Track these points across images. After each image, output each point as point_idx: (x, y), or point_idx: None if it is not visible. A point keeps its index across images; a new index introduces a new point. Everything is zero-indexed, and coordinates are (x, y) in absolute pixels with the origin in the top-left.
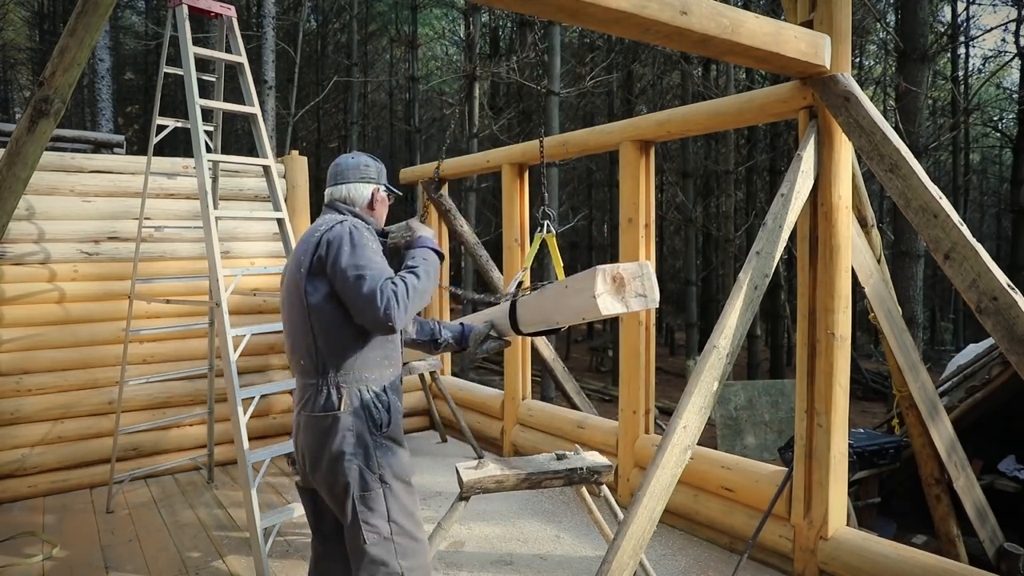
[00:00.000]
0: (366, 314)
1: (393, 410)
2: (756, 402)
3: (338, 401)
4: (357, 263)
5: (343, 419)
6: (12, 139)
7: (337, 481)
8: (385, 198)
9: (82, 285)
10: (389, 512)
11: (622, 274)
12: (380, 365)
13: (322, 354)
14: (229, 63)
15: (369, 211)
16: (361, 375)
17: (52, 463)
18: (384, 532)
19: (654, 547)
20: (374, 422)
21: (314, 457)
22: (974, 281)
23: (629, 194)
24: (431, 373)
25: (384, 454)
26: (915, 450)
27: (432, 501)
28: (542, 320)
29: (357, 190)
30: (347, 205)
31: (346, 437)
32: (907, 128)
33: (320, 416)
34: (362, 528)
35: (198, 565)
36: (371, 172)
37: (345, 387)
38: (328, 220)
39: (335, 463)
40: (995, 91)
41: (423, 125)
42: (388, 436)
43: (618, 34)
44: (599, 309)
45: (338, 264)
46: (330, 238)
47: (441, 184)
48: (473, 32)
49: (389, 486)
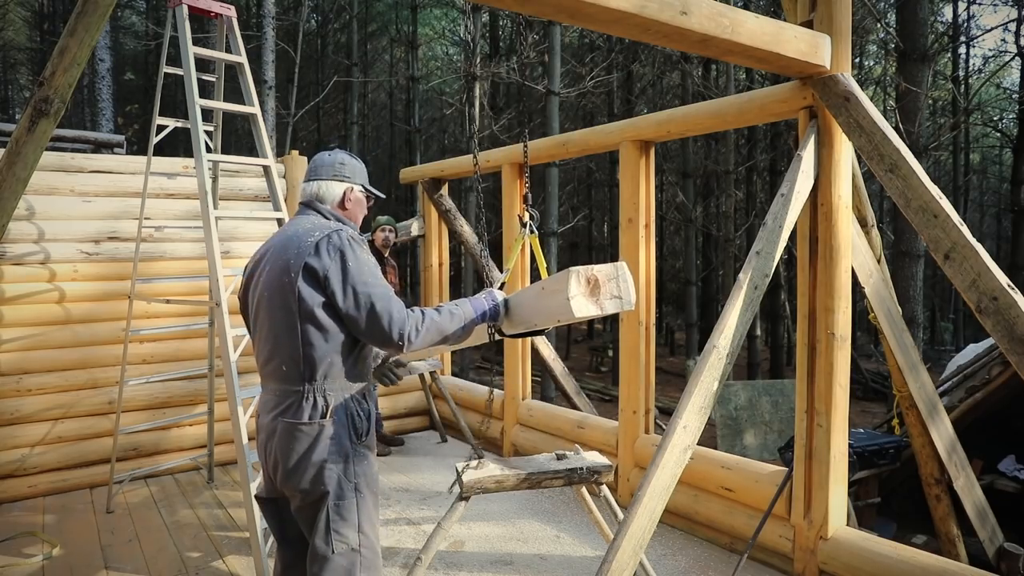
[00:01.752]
0: (375, 332)
1: (371, 418)
2: (756, 402)
3: (324, 409)
4: (366, 280)
5: (327, 428)
6: (12, 139)
7: (315, 489)
8: (361, 198)
9: (82, 285)
10: (360, 522)
11: (597, 276)
12: (361, 375)
13: (310, 362)
14: (229, 63)
15: (341, 210)
16: (346, 384)
17: (52, 463)
18: (352, 543)
19: (654, 547)
20: (356, 431)
21: (292, 465)
22: (974, 281)
23: (629, 194)
24: (431, 373)
25: (360, 463)
26: (915, 450)
27: (432, 501)
28: (522, 322)
29: (329, 188)
30: (320, 203)
31: (329, 446)
32: (907, 128)
33: (305, 424)
34: (332, 537)
35: (198, 565)
36: (345, 171)
37: (332, 395)
38: (319, 225)
39: (317, 472)
40: (995, 91)
41: (423, 125)
42: (365, 445)
43: (618, 34)
44: (572, 311)
45: (347, 279)
46: (328, 249)
47: (441, 184)
48: (473, 32)
49: (362, 495)
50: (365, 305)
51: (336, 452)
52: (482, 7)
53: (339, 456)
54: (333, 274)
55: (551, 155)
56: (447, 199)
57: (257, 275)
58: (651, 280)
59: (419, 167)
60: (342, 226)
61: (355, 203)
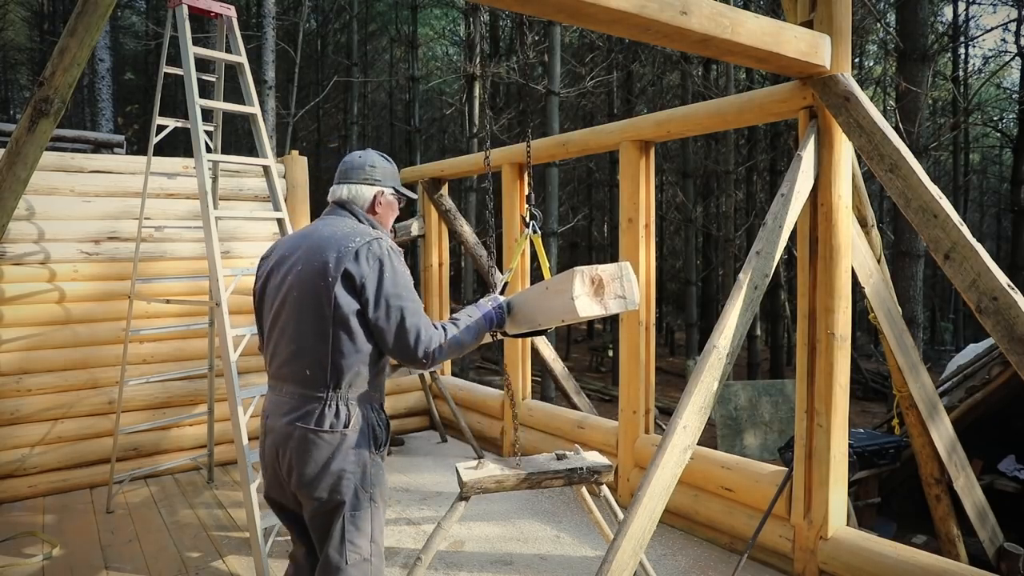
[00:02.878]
0: (401, 347)
1: (387, 428)
2: (756, 402)
3: (348, 419)
4: (400, 292)
5: (350, 437)
6: (12, 139)
7: (332, 499)
8: (392, 201)
9: (82, 285)
10: (372, 532)
11: (601, 275)
12: (381, 386)
13: (337, 369)
14: (229, 63)
15: (371, 214)
16: (370, 395)
17: (52, 463)
18: (365, 553)
19: (654, 547)
20: (375, 441)
21: (310, 473)
22: (974, 281)
23: (629, 194)
24: (431, 373)
25: (376, 472)
26: (915, 450)
27: (432, 501)
28: (526, 321)
29: (360, 191)
30: (351, 205)
31: (349, 455)
32: (907, 128)
33: (327, 432)
34: (347, 548)
35: (198, 565)
36: (376, 174)
37: (355, 405)
38: (359, 231)
39: (336, 481)
40: (995, 91)
41: (423, 125)
42: (381, 455)
43: (618, 34)
44: (577, 311)
45: (381, 289)
46: (368, 256)
47: (441, 184)
48: (473, 32)
49: (377, 505)
50: (396, 318)
51: (355, 462)
52: (482, 7)
53: (358, 466)
54: (370, 283)
55: (551, 155)
56: (447, 199)
57: (285, 272)
58: (651, 280)
59: (419, 167)
60: (382, 235)
61: (385, 206)
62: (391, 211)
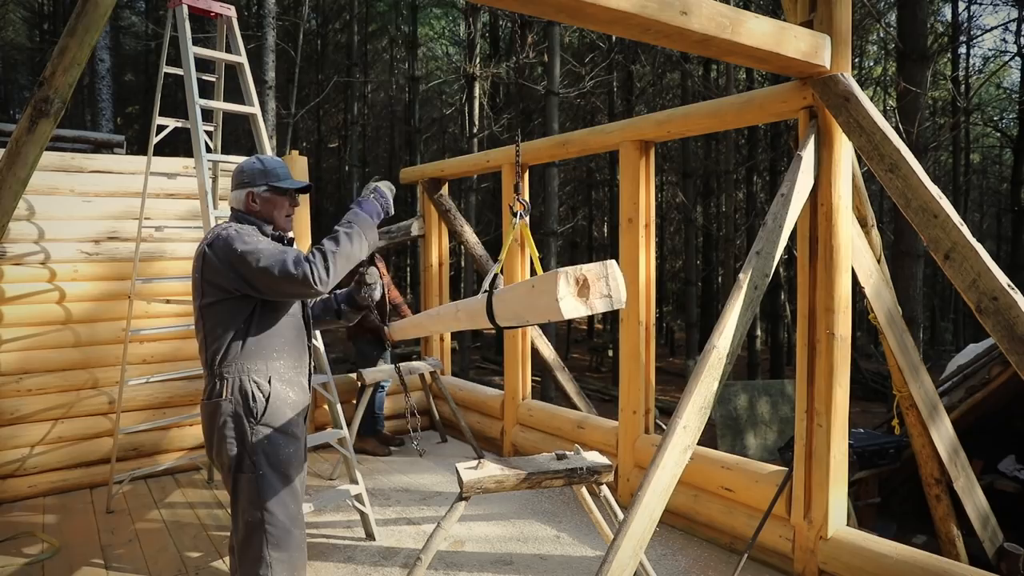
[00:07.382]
0: (270, 283)
1: (274, 399)
2: (756, 402)
3: (220, 389)
4: (247, 250)
5: (223, 405)
6: (12, 139)
7: (222, 462)
8: (270, 197)
9: (82, 285)
10: (263, 499)
11: (586, 275)
12: (265, 356)
13: (209, 348)
14: (229, 63)
15: (250, 212)
16: (243, 366)
17: (52, 463)
18: (254, 518)
19: (654, 547)
20: (249, 410)
21: (207, 440)
22: (974, 281)
23: (629, 194)
24: (431, 373)
25: (260, 442)
26: (915, 450)
27: (432, 501)
28: (514, 316)
29: (236, 196)
30: (232, 209)
31: (227, 422)
32: (907, 128)
33: (209, 403)
34: (238, 508)
35: (198, 565)
36: (244, 177)
37: (228, 376)
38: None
39: (219, 445)
40: (995, 91)
41: (423, 125)
42: (266, 424)
43: (618, 34)
44: (561, 313)
45: (234, 255)
46: (215, 240)
47: (441, 184)
48: (473, 32)
49: (263, 474)
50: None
51: (233, 428)
52: (482, 7)
53: (236, 433)
54: (224, 257)
55: (551, 155)
56: (447, 199)
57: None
58: (651, 280)
59: (419, 167)
60: (231, 224)
61: (262, 203)
62: (272, 206)
